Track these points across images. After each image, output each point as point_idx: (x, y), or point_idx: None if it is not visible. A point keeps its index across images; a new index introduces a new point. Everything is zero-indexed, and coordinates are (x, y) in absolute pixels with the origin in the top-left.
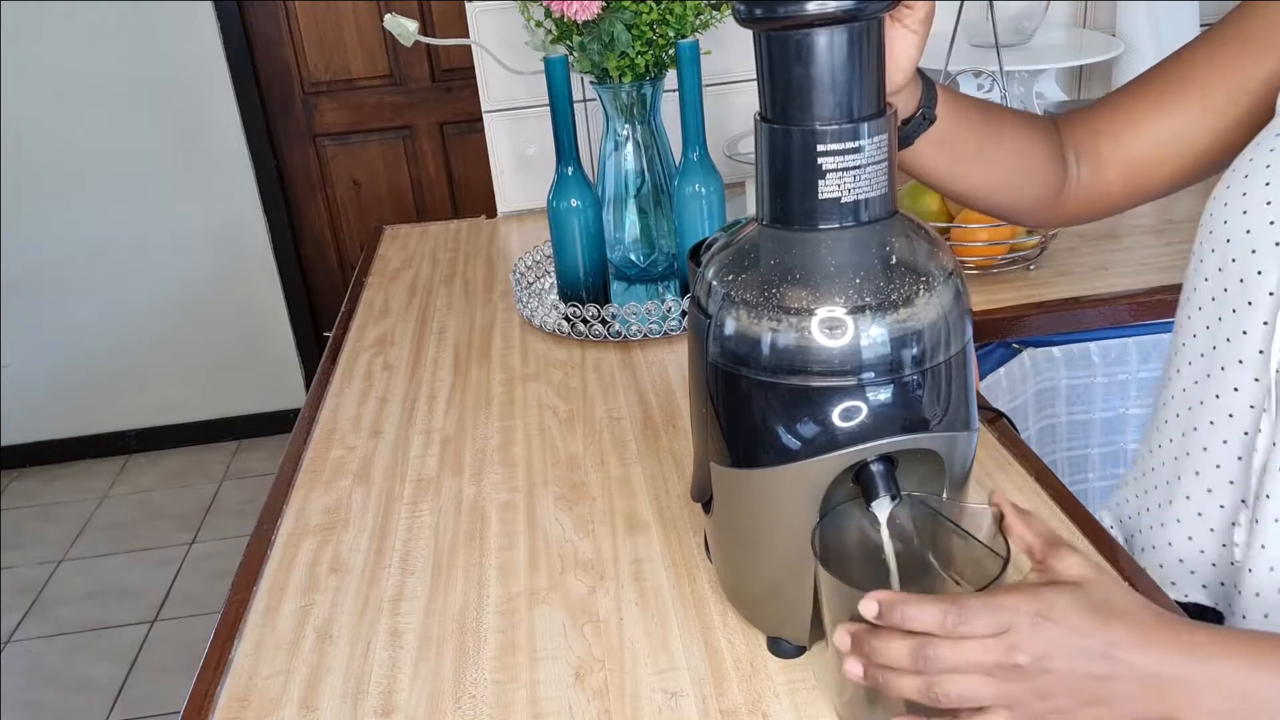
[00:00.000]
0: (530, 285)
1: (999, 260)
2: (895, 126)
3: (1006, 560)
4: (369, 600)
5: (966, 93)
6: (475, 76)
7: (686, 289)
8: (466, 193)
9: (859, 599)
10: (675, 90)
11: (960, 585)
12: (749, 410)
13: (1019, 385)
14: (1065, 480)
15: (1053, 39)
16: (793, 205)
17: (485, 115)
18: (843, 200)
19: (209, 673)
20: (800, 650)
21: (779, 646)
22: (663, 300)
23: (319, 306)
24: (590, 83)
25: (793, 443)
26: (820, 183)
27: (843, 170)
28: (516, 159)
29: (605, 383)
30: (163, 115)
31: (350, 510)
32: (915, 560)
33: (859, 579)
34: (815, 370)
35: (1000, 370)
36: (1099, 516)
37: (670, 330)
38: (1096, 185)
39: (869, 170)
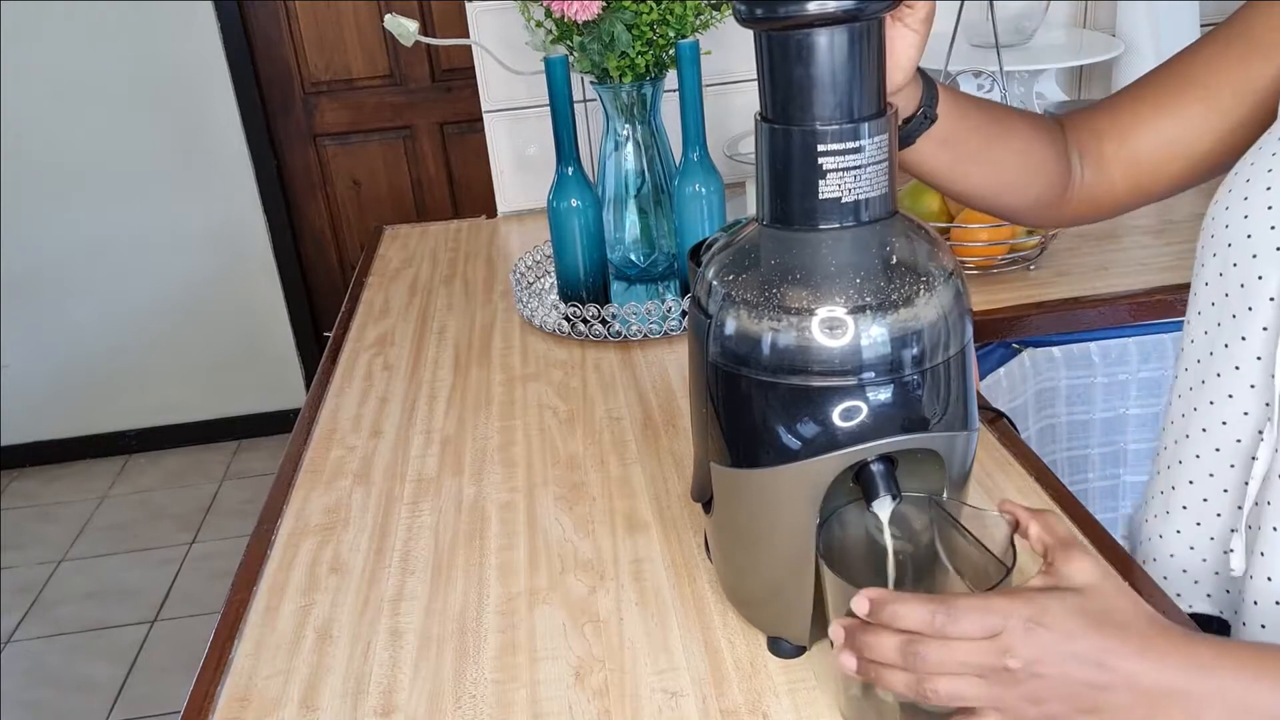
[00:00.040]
0: (530, 285)
1: (999, 260)
2: (896, 126)
3: (1009, 570)
4: (369, 600)
5: (967, 92)
6: (475, 76)
7: (686, 289)
8: (466, 193)
9: None
10: (675, 90)
11: (966, 588)
12: (749, 410)
13: (1019, 385)
14: (1065, 480)
15: (1053, 39)
16: (793, 205)
17: (485, 115)
18: (843, 200)
19: (209, 673)
20: (800, 650)
21: (779, 646)
22: (663, 300)
23: (319, 306)
24: (590, 83)
25: (793, 443)
26: (820, 183)
27: (843, 170)
28: (516, 159)
29: (605, 383)
30: (163, 115)
31: (350, 510)
32: (923, 560)
33: (862, 579)
34: (815, 370)
35: (1000, 370)
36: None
37: (670, 330)
38: (1100, 186)
39: (869, 170)
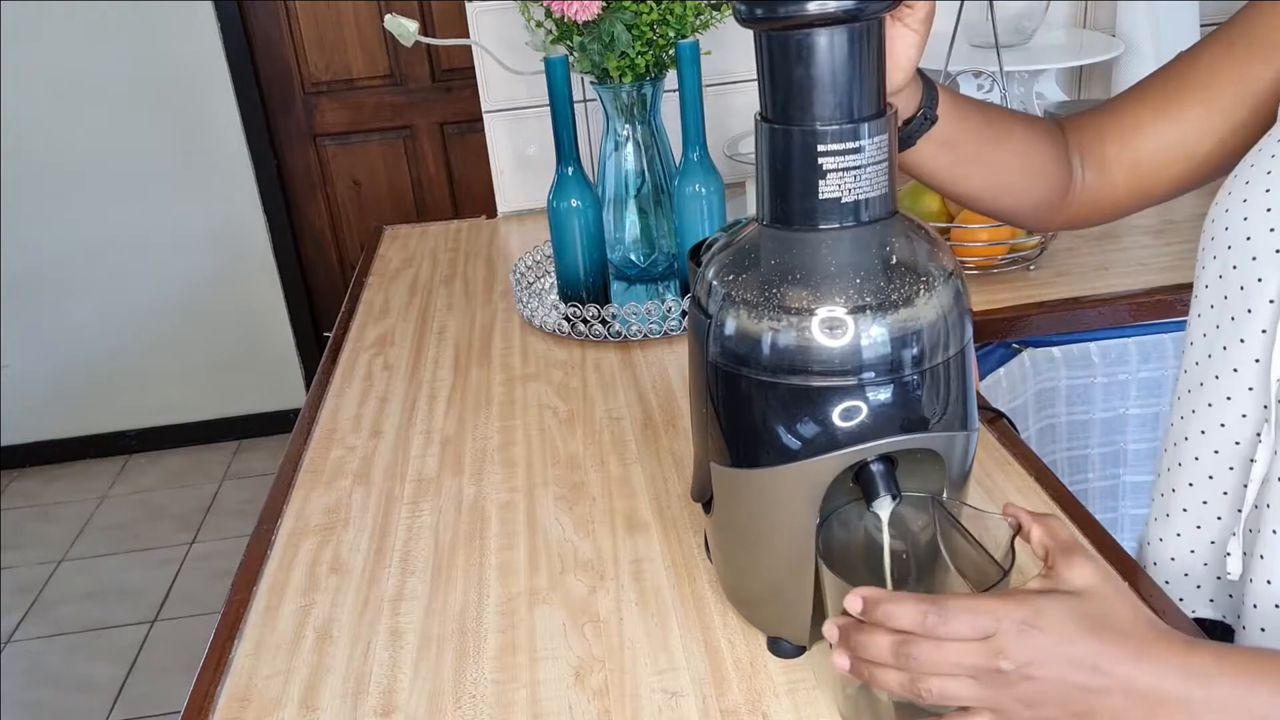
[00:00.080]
0: (530, 285)
1: (999, 260)
2: (895, 127)
3: (1006, 573)
4: (369, 600)
5: (967, 93)
6: (475, 76)
7: (686, 289)
8: (466, 193)
9: None
10: (675, 90)
11: (968, 589)
12: (749, 410)
13: (1019, 385)
14: (1065, 480)
15: (1053, 39)
16: (793, 205)
17: (485, 115)
18: (843, 200)
19: (209, 673)
20: (800, 650)
21: (779, 646)
22: (663, 300)
23: (319, 306)
24: (590, 83)
25: (793, 443)
26: (820, 183)
27: (843, 170)
28: (516, 159)
29: (605, 383)
30: (163, 115)
31: (350, 510)
32: (924, 560)
33: (862, 579)
34: (815, 370)
35: (1000, 370)
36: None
37: (670, 330)
38: (1102, 188)
39: (869, 170)
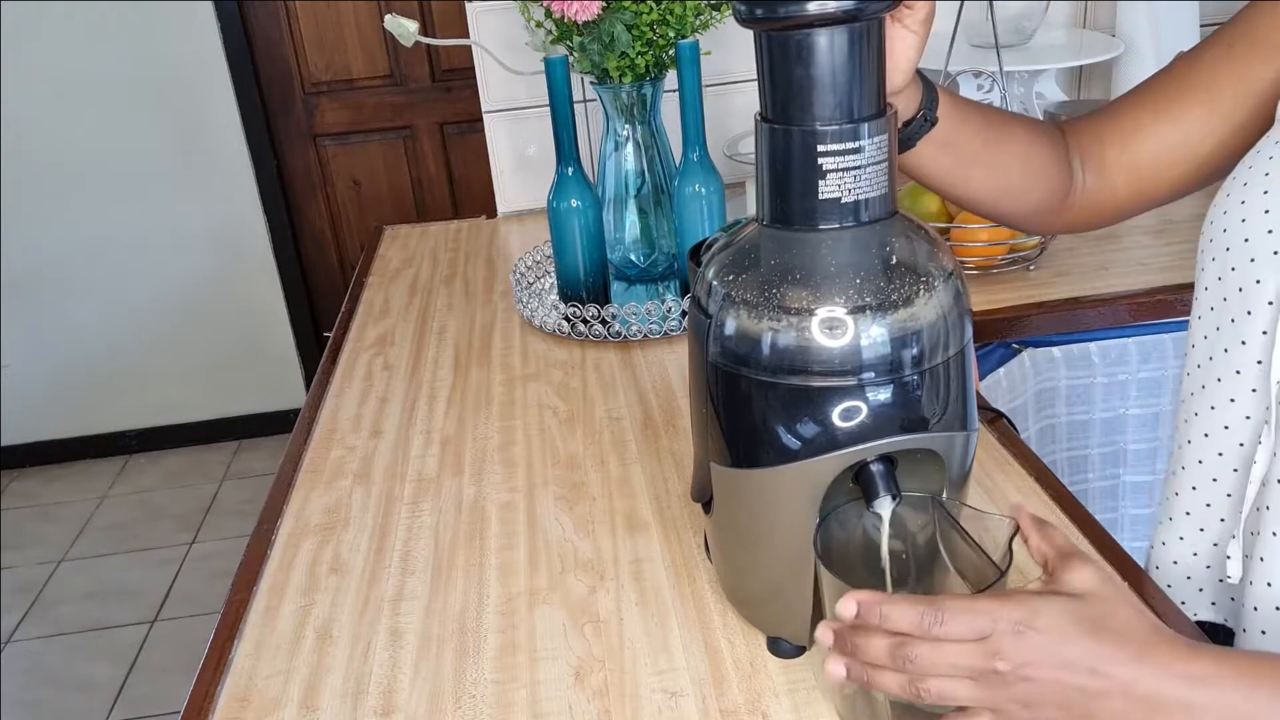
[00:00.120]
0: (530, 285)
1: (999, 260)
2: (895, 127)
3: (1003, 573)
4: (369, 600)
5: (967, 93)
6: (475, 76)
7: (686, 289)
8: (466, 193)
9: None
10: (675, 90)
11: (967, 589)
12: (749, 410)
13: (1019, 385)
14: (1065, 480)
15: (1053, 39)
16: (793, 205)
17: (485, 115)
18: (843, 200)
19: (209, 673)
20: (800, 650)
21: (779, 646)
22: (663, 300)
23: (319, 306)
24: (590, 83)
25: (793, 443)
26: (820, 183)
27: (843, 170)
28: (516, 159)
29: (605, 383)
30: (163, 115)
31: (350, 510)
32: (923, 560)
33: (860, 579)
34: (815, 370)
35: (1000, 370)
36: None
37: (670, 330)
38: (1102, 191)
39: (869, 170)
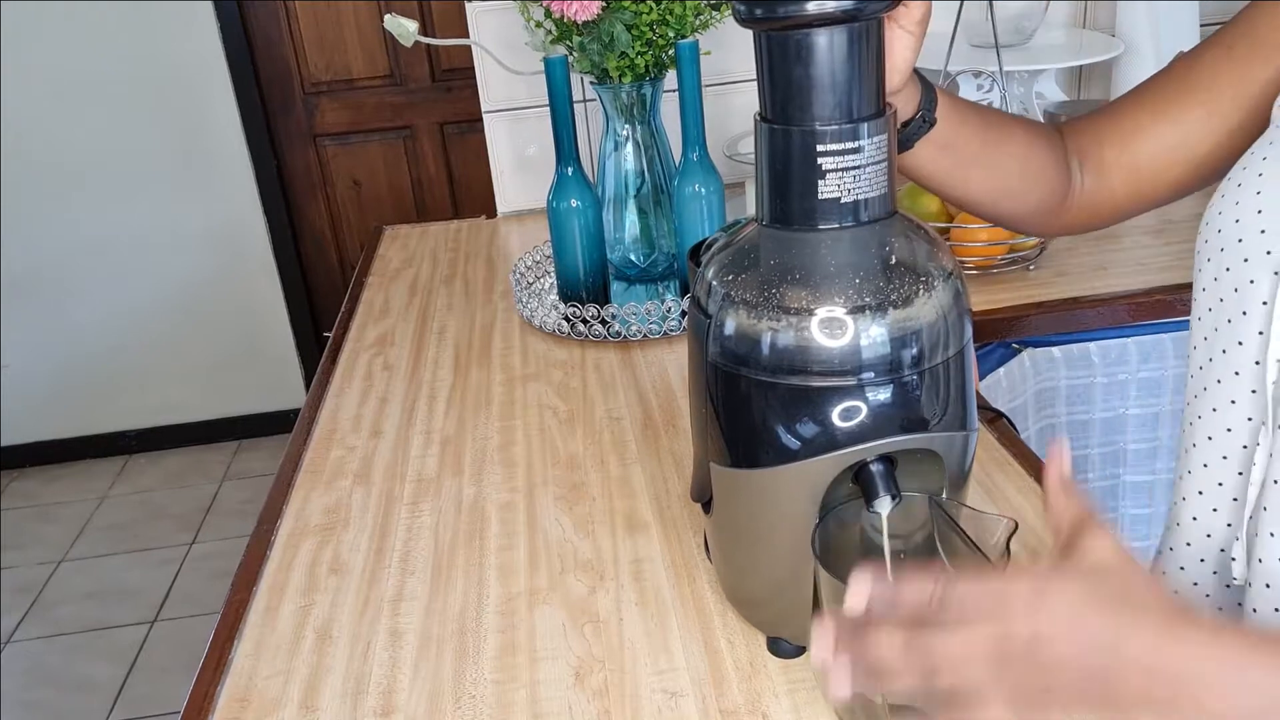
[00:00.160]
0: (530, 285)
1: (999, 260)
2: (895, 127)
3: None
4: (369, 600)
5: (966, 93)
6: (475, 76)
7: (686, 289)
8: (466, 193)
9: None
10: (675, 90)
11: None
12: (749, 410)
13: (1019, 385)
14: None
15: (1053, 39)
16: (792, 205)
17: (485, 115)
18: (842, 200)
19: (209, 673)
20: (800, 650)
21: (779, 646)
22: (663, 300)
23: (319, 306)
24: (590, 83)
25: (793, 443)
26: (820, 183)
27: (842, 170)
28: (516, 159)
29: (605, 383)
30: (163, 115)
31: (350, 510)
32: (921, 561)
33: None
34: (815, 370)
35: (1000, 370)
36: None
37: (670, 330)
38: (1100, 193)
39: (869, 170)
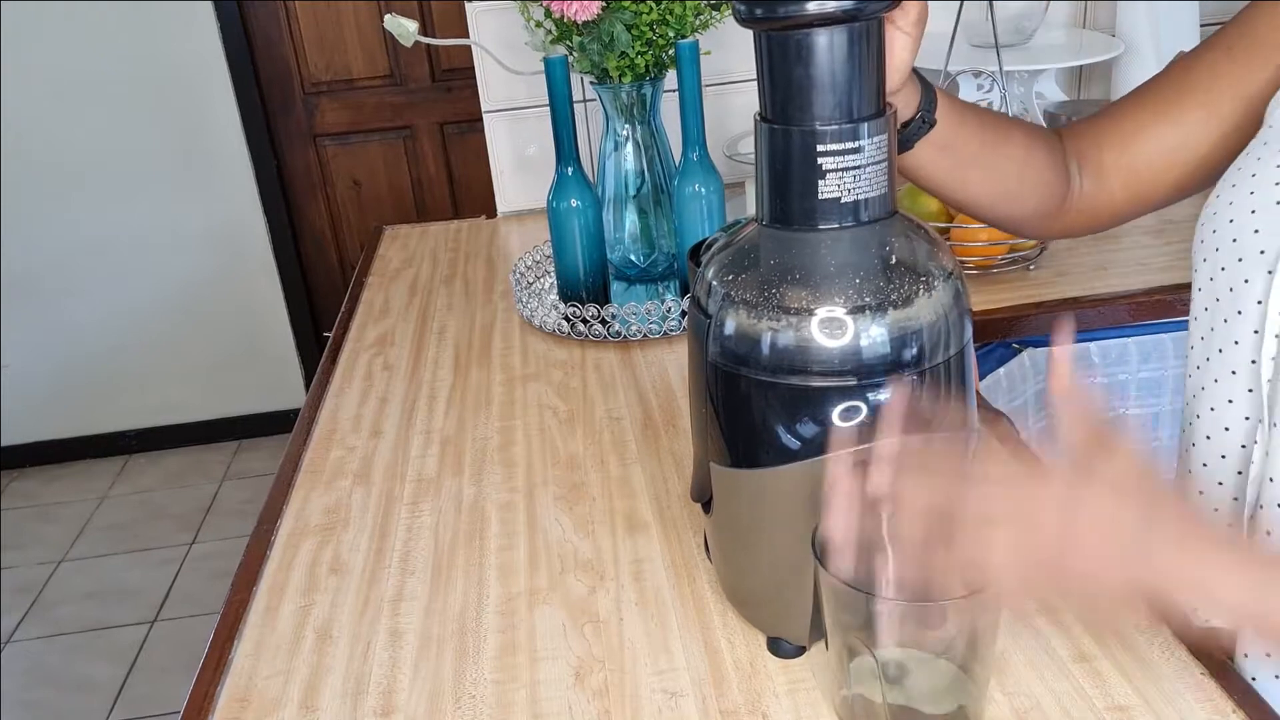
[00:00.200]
0: (530, 285)
1: (999, 260)
2: (895, 127)
3: None
4: (369, 600)
5: (966, 93)
6: (475, 76)
7: (686, 289)
8: (466, 193)
9: (859, 599)
10: (675, 90)
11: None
12: (749, 410)
13: (1019, 385)
14: None
15: (1053, 39)
16: (792, 205)
17: (485, 115)
18: (842, 200)
19: (209, 673)
20: (800, 650)
21: (779, 646)
22: (663, 300)
23: (319, 306)
24: (590, 83)
25: (793, 443)
26: (820, 183)
27: (842, 170)
28: (516, 159)
29: (605, 383)
30: (163, 115)
31: (350, 510)
32: None
33: (858, 579)
34: (815, 370)
35: (1000, 370)
36: None
37: (670, 330)
38: (1099, 195)
39: (869, 170)
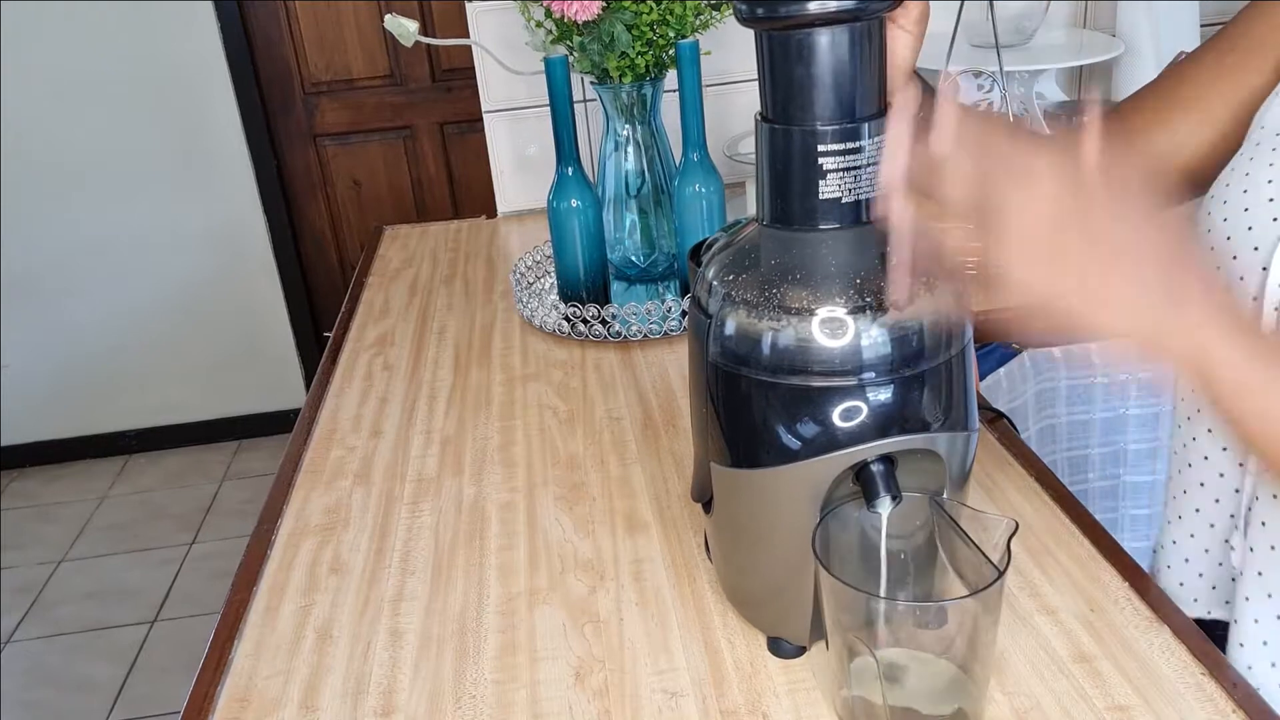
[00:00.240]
0: (530, 285)
1: None
2: None
3: (1001, 574)
4: (369, 600)
5: (967, 93)
6: (475, 76)
7: (686, 289)
8: (466, 193)
9: (859, 599)
10: (675, 90)
11: (966, 589)
12: (749, 410)
13: (1019, 386)
14: (1065, 481)
15: (1053, 39)
16: (793, 205)
17: (485, 115)
18: (843, 200)
19: (209, 673)
20: (800, 650)
21: (779, 646)
22: (663, 300)
23: (319, 306)
24: (590, 83)
25: (793, 443)
26: (821, 183)
27: (843, 170)
28: (516, 159)
29: (605, 383)
30: (163, 115)
31: (350, 510)
32: (922, 560)
33: (859, 579)
34: (816, 370)
35: (1000, 370)
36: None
37: (670, 330)
38: None
39: (870, 170)
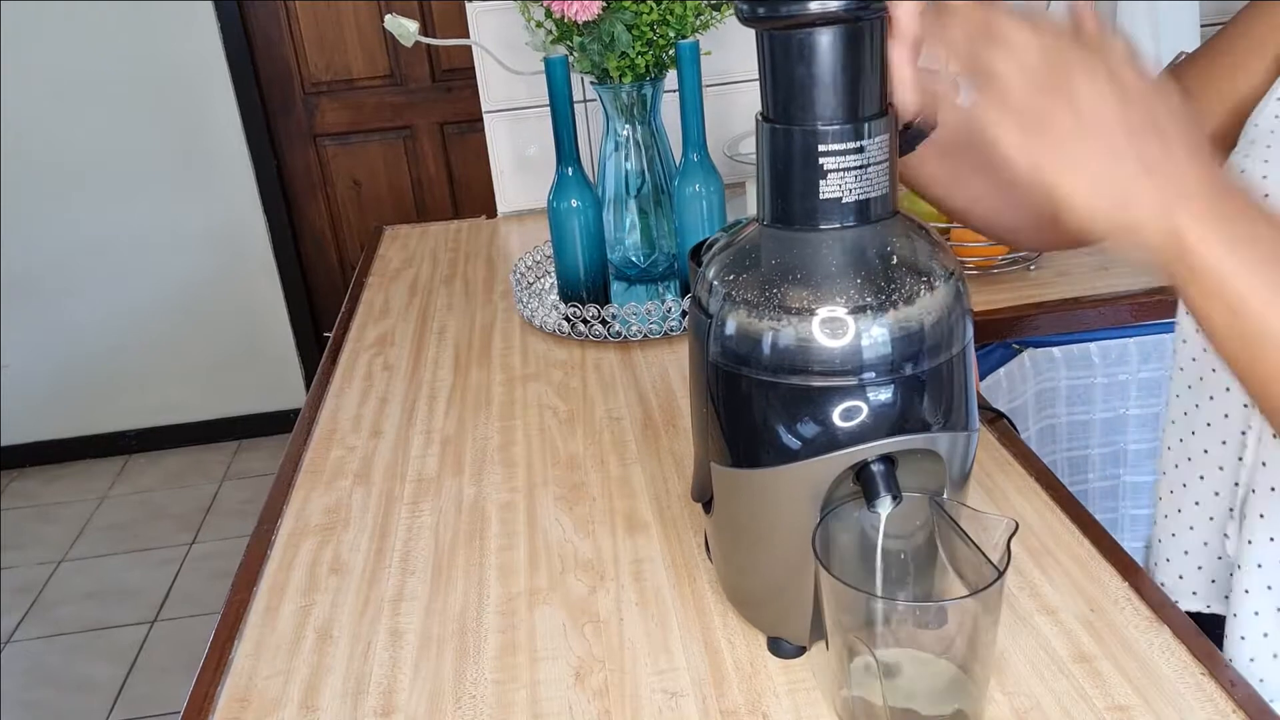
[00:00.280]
0: (530, 285)
1: (999, 260)
2: (896, 127)
3: (1001, 574)
4: (369, 600)
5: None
6: (475, 76)
7: (687, 289)
8: (466, 193)
9: (859, 599)
10: (675, 90)
11: (965, 590)
12: (749, 410)
13: (1019, 386)
14: (1065, 481)
15: None
16: (794, 205)
17: (485, 115)
18: (844, 200)
19: (209, 673)
20: (800, 650)
21: (779, 646)
22: (663, 300)
23: (319, 306)
24: (590, 83)
25: (793, 443)
26: (821, 183)
27: (844, 170)
28: (516, 159)
29: (605, 383)
30: (163, 115)
31: (350, 510)
32: (922, 560)
33: (859, 579)
34: (816, 370)
35: (1000, 370)
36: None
37: (670, 330)
38: None
39: (870, 170)
